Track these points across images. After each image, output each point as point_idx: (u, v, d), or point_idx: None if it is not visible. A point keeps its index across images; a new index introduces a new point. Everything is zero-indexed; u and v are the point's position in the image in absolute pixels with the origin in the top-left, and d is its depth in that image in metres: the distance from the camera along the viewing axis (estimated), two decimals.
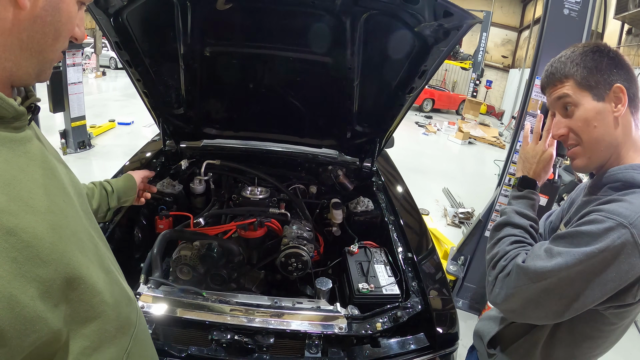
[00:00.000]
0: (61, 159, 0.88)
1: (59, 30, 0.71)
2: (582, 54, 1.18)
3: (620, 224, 1.00)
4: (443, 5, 1.57)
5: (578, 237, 1.06)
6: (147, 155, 2.82)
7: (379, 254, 2.16)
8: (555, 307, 1.09)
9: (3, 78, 0.68)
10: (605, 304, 1.09)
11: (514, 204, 1.36)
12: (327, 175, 2.87)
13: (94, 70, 16.60)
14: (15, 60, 0.68)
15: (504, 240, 1.28)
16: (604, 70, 1.15)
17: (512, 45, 23.15)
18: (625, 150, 1.17)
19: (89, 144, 7.23)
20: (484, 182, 8.36)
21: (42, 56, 0.71)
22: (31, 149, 0.72)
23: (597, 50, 1.18)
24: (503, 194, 3.67)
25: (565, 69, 1.19)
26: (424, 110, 17.95)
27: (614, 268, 1.01)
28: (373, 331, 1.59)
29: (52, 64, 0.76)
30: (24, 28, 0.66)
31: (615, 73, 1.15)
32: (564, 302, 1.07)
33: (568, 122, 1.21)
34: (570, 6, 3.20)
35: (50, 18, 0.69)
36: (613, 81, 1.14)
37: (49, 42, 0.71)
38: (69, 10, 0.72)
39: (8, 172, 0.64)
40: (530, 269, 1.11)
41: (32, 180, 0.68)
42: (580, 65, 1.17)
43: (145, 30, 2.06)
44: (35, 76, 0.73)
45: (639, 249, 0.98)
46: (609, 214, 1.03)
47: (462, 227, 6.02)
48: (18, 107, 0.69)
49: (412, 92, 2.18)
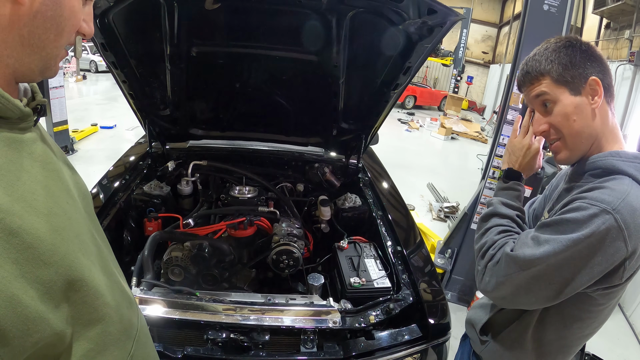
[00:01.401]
0: (67, 160, 0.87)
1: (61, 25, 0.70)
2: (555, 50, 1.21)
3: (604, 209, 1.04)
4: (427, 3, 1.60)
5: (564, 224, 1.10)
6: (133, 157, 2.81)
7: (369, 248, 2.18)
8: (545, 293, 1.13)
9: (6, 74, 0.67)
10: (593, 287, 1.13)
11: (500, 196, 1.40)
12: (313, 172, 2.89)
13: (75, 74, 16.34)
14: (17, 57, 0.67)
15: (491, 230, 1.32)
16: (578, 64, 1.18)
17: (492, 41, 23.41)
18: (605, 139, 1.22)
19: (72, 149, 7.13)
20: (468, 176, 8.45)
21: (45, 52, 0.70)
22: (36, 150, 0.72)
23: (570, 45, 1.20)
24: (487, 186, 3.72)
25: (540, 66, 1.22)
26: (407, 107, 18.03)
27: (601, 252, 1.05)
28: (367, 324, 1.62)
29: (58, 60, 0.75)
30: (24, 24, 0.65)
31: (589, 66, 1.18)
32: (554, 287, 1.11)
33: (548, 118, 1.24)
34: (550, 2, 3.26)
35: (52, 13, 0.67)
36: (588, 74, 1.17)
37: (51, 37, 0.69)
38: (71, 4, 0.70)
39: (12, 173, 0.63)
40: (519, 257, 1.14)
41: (36, 182, 0.68)
42: (555, 62, 1.19)
43: (132, 31, 2.05)
44: (40, 72, 0.72)
45: (623, 233, 1.03)
46: (592, 201, 1.07)
47: (447, 221, 6.09)
48: (24, 109, 0.68)
49: (396, 89, 2.22)
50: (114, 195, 2.29)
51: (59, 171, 0.77)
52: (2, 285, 0.55)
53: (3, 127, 0.66)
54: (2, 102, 0.64)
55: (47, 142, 0.79)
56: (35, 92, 0.79)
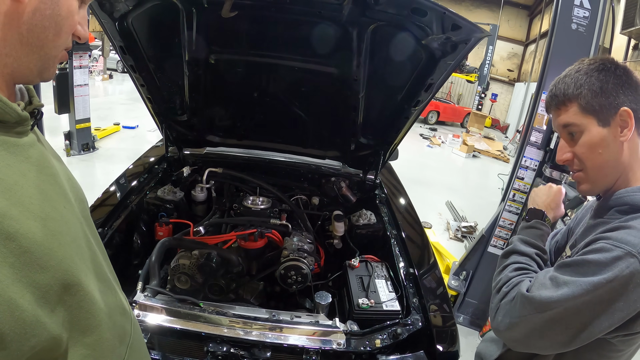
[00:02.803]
0: (63, 163, 0.88)
1: (59, 24, 0.70)
2: (586, 73, 1.13)
3: (629, 252, 0.97)
4: (451, 18, 1.56)
5: (585, 266, 1.03)
6: (149, 160, 2.82)
7: (380, 268, 2.13)
8: (561, 338, 1.06)
9: (5, 75, 0.68)
10: (613, 333, 1.06)
11: (521, 234, 1.36)
12: (329, 186, 2.86)
13: (101, 73, 16.72)
14: (15, 56, 0.67)
15: (508, 267, 1.27)
16: (609, 92, 1.09)
17: (518, 59, 23.19)
18: (633, 172, 1.14)
19: (93, 147, 7.24)
20: (488, 196, 8.31)
21: (44, 52, 0.70)
22: (33, 155, 0.72)
23: (604, 69, 1.11)
24: (507, 209, 3.64)
25: (568, 90, 1.14)
26: (429, 122, 17.95)
27: (623, 298, 0.98)
28: (372, 348, 1.57)
29: (55, 62, 0.75)
30: (23, 21, 0.65)
31: (622, 94, 1.09)
32: (570, 332, 1.04)
33: (573, 147, 1.18)
34: (578, 21, 3.19)
35: (50, 11, 0.68)
36: (619, 104, 1.09)
37: (49, 36, 0.70)
38: (68, 3, 0.71)
39: (10, 177, 0.63)
40: (535, 299, 1.08)
41: (33, 186, 0.68)
42: (585, 87, 1.11)
43: (150, 35, 2.06)
44: (38, 73, 0.72)
45: None
46: (616, 242, 1.00)
47: (464, 242, 5.98)
48: (21, 112, 0.68)
49: (417, 105, 2.17)
50: (127, 197, 2.30)
51: (55, 175, 0.77)
52: (0, 289, 0.55)
53: (0, 131, 0.66)
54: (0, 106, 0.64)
55: (44, 146, 0.80)
56: (32, 95, 0.79)
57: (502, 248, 3.68)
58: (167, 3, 1.85)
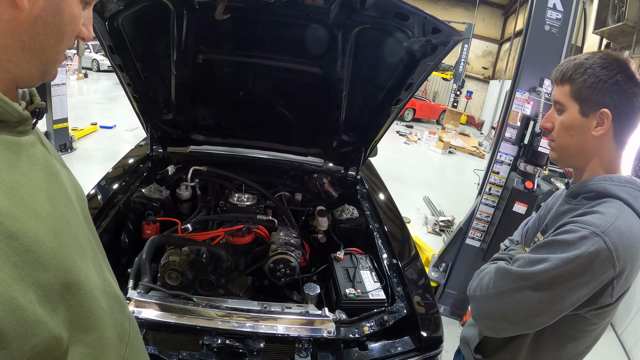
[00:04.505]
0: (64, 163, 0.88)
1: (62, 30, 0.70)
2: (591, 65, 1.17)
3: (594, 232, 1.09)
4: (432, 22, 1.65)
5: (555, 245, 1.15)
6: (133, 159, 2.82)
7: (365, 260, 2.20)
8: (534, 311, 1.17)
9: (6, 80, 0.67)
10: (585, 307, 1.17)
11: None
12: (312, 183, 2.91)
13: (76, 72, 16.33)
14: (17, 62, 0.67)
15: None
16: (599, 90, 1.16)
17: (493, 57, 23.55)
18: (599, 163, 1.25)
19: (71, 147, 7.10)
20: (464, 190, 8.48)
21: (45, 57, 0.70)
22: (35, 154, 0.72)
23: (606, 67, 1.16)
24: (483, 202, 3.75)
25: (569, 73, 1.21)
26: (405, 119, 18.07)
27: (590, 272, 1.09)
28: (360, 335, 1.64)
29: (57, 64, 0.75)
30: (24, 29, 0.65)
31: (610, 96, 1.15)
32: (543, 305, 1.15)
33: (555, 120, 1.28)
34: (551, 22, 3.32)
35: (52, 18, 0.67)
36: (604, 104, 1.16)
37: (51, 43, 0.69)
38: (71, 10, 0.70)
39: (11, 176, 0.63)
40: (512, 271, 1.20)
41: (35, 185, 0.68)
42: (584, 75, 1.17)
43: (140, 35, 2.08)
44: (40, 76, 0.72)
45: (612, 255, 1.07)
46: (583, 224, 1.12)
47: (442, 235, 6.11)
48: (22, 112, 0.68)
49: (398, 104, 2.25)
50: (113, 197, 2.30)
51: (57, 174, 0.78)
52: (2, 288, 0.55)
53: (2, 130, 0.66)
54: (1, 106, 0.64)
55: (45, 145, 0.80)
56: (34, 95, 0.79)
57: (479, 240, 3.80)
58: (158, 4, 1.87)
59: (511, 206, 3.43)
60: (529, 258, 1.20)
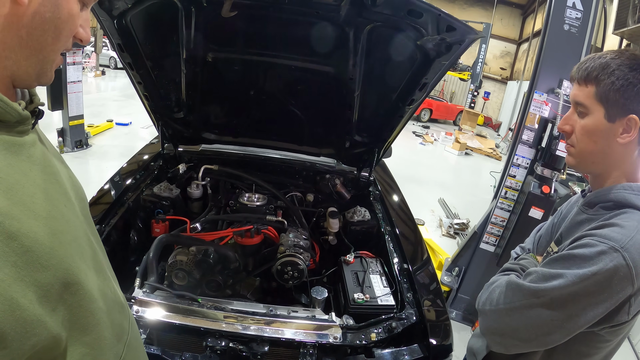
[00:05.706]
0: (64, 162, 0.88)
1: (59, 27, 0.70)
2: (620, 66, 1.08)
3: (613, 247, 1.02)
4: (446, 20, 1.59)
5: (571, 260, 1.08)
6: (145, 157, 2.83)
7: (375, 264, 2.16)
8: (546, 329, 1.11)
9: (4, 77, 0.67)
10: (599, 325, 1.11)
11: None
12: (324, 183, 2.88)
13: (94, 69, 16.56)
14: (15, 59, 0.67)
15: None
16: (628, 94, 1.07)
17: (511, 58, 23.28)
18: (620, 172, 1.17)
19: (86, 144, 7.20)
20: (480, 193, 8.38)
21: (42, 55, 0.70)
22: (34, 154, 0.72)
23: (637, 69, 1.06)
24: (499, 206, 3.69)
25: (594, 72, 1.11)
26: (422, 120, 17.97)
27: (607, 290, 1.02)
28: (367, 341, 1.60)
29: (54, 66, 0.75)
30: (23, 24, 0.65)
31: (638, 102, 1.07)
32: (556, 323, 1.09)
33: (575, 123, 1.19)
34: (571, 22, 3.24)
35: (50, 14, 0.67)
36: (632, 110, 1.07)
37: (49, 40, 0.69)
38: (69, 7, 0.70)
39: (11, 176, 0.63)
40: (524, 286, 1.13)
41: (34, 185, 0.68)
42: (612, 77, 1.08)
43: (149, 33, 2.07)
44: (36, 77, 0.72)
45: (631, 272, 1.00)
46: (601, 239, 1.05)
47: (457, 238, 6.03)
48: (22, 112, 0.68)
49: (412, 104, 2.20)
50: (123, 195, 2.31)
51: (56, 174, 0.78)
52: (2, 288, 0.55)
53: (1, 130, 0.66)
54: (0, 106, 0.64)
55: (45, 145, 0.80)
56: (33, 94, 0.79)
57: (494, 245, 3.73)
58: (166, 1, 1.86)
59: (527, 211, 3.36)
60: (542, 273, 1.12)
